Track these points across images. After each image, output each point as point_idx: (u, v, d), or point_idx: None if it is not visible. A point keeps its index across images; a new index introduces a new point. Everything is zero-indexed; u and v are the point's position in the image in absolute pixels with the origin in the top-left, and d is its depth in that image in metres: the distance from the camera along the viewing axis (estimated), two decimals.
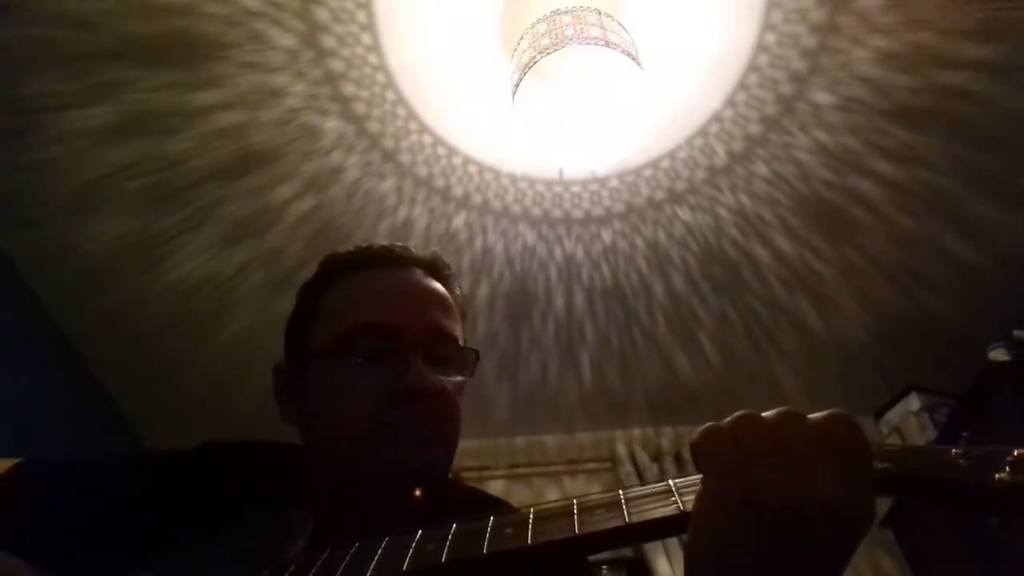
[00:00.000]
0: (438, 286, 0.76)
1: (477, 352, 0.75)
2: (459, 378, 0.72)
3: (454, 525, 0.48)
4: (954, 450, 0.41)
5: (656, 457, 2.55)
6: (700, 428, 0.44)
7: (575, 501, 0.47)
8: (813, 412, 0.44)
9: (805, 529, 0.40)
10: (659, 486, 0.47)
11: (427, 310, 0.73)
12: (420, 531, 0.48)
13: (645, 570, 2.23)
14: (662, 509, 0.45)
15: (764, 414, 0.44)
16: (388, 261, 0.77)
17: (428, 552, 0.46)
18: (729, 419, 0.44)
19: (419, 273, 0.76)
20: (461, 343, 0.74)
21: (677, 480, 0.47)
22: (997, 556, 1.83)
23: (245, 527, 0.63)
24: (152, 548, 0.59)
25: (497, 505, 0.73)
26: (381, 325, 0.70)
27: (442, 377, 0.70)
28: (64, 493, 0.69)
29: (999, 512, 0.38)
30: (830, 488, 0.40)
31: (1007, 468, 0.38)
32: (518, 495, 2.49)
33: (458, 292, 0.79)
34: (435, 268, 0.78)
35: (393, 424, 0.66)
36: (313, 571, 0.49)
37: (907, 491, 0.42)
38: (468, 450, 2.53)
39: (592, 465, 2.62)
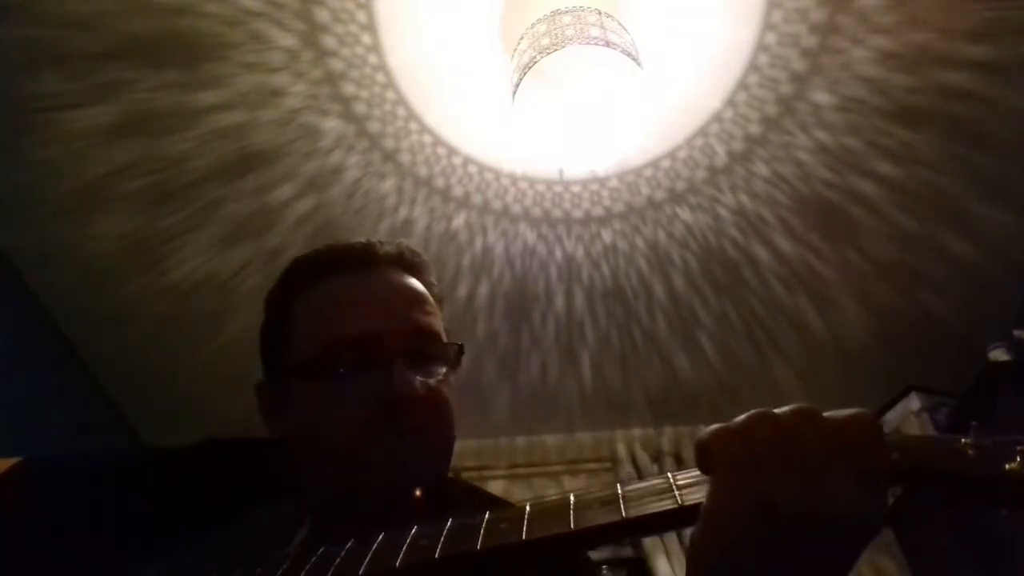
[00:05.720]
0: (412, 282, 0.74)
1: (461, 346, 0.73)
2: (445, 372, 0.70)
3: (449, 521, 0.47)
4: (963, 440, 0.40)
5: (656, 457, 2.55)
6: (709, 428, 0.42)
7: (572, 496, 0.46)
8: None
9: (815, 535, 0.39)
10: (658, 481, 0.46)
11: (405, 311, 0.70)
12: (416, 527, 0.48)
13: (645, 570, 2.23)
14: (660, 504, 0.44)
15: (777, 411, 0.42)
16: (355, 263, 0.73)
17: (422, 547, 0.46)
18: (741, 418, 0.42)
19: (389, 271, 0.74)
20: (443, 338, 0.72)
21: (676, 474, 0.46)
22: (997, 556, 1.83)
23: (244, 523, 0.63)
24: (152, 544, 0.59)
25: (497, 504, 0.73)
26: (360, 336, 0.67)
27: (428, 377, 0.68)
28: (65, 490, 0.69)
29: (1009, 503, 0.38)
30: (845, 499, 0.39)
31: (1018, 458, 0.37)
32: (518, 495, 2.48)
33: (433, 281, 0.77)
34: (404, 261, 0.75)
35: (385, 435, 0.64)
36: (309, 566, 0.49)
37: (915, 481, 0.42)
38: (468, 450, 2.53)
39: (592, 465, 2.61)
